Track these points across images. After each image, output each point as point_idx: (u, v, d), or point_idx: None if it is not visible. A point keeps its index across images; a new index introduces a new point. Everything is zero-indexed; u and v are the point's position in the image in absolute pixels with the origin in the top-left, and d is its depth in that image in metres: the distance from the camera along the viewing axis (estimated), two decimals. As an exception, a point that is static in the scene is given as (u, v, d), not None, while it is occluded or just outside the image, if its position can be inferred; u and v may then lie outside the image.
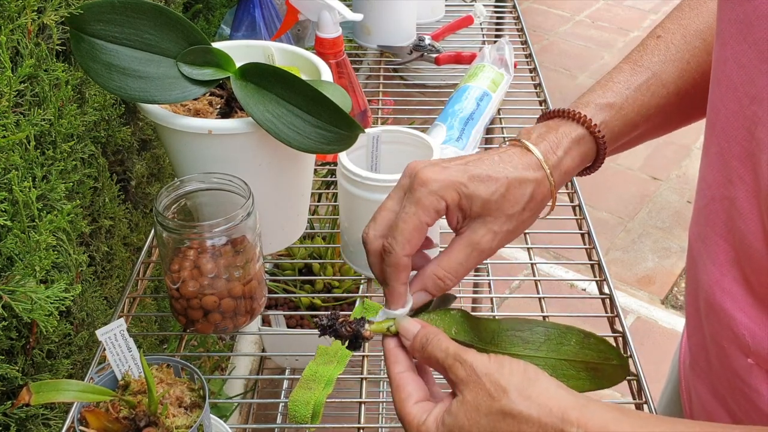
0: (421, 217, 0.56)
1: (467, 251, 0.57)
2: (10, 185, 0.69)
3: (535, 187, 0.59)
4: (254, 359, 1.75)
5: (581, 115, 0.63)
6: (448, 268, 0.57)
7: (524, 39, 1.38)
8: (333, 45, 1.03)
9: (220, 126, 0.74)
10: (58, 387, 0.60)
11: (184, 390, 0.64)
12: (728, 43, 0.54)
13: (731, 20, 0.53)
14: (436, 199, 0.56)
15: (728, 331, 0.56)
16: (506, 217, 0.58)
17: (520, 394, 0.49)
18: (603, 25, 3.73)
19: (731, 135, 0.54)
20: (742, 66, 0.52)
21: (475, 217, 0.58)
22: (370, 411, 1.56)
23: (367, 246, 0.58)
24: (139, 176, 1.17)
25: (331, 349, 0.74)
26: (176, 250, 0.72)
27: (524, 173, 0.59)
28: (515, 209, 0.58)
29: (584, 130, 0.63)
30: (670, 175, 2.78)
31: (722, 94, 0.55)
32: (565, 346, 0.57)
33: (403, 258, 0.56)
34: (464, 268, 0.58)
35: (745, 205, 0.53)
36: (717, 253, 0.57)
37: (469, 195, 0.57)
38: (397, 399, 0.53)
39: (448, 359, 0.52)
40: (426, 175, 0.56)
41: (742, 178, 0.53)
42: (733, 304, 0.55)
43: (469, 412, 0.50)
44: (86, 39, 0.72)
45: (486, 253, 0.58)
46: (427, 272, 0.58)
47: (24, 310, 0.67)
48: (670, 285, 2.32)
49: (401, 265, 0.56)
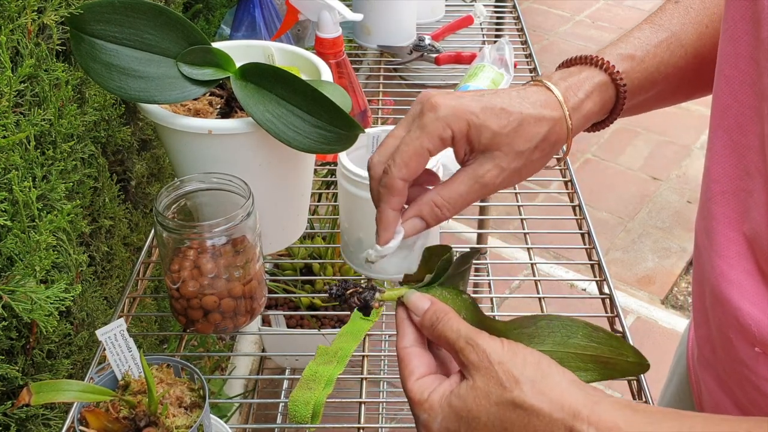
0: (424, 142, 0.54)
1: (470, 183, 0.56)
2: (11, 185, 0.69)
3: (550, 127, 0.57)
4: (254, 359, 1.75)
5: (604, 61, 0.62)
6: (447, 197, 0.56)
7: (524, 39, 1.38)
8: (333, 45, 1.03)
9: (220, 126, 0.74)
10: (59, 387, 0.60)
11: (184, 390, 0.64)
12: (742, 39, 0.54)
13: (743, 18, 0.53)
14: (442, 126, 0.54)
15: (734, 321, 0.56)
16: (515, 153, 0.56)
17: (532, 387, 0.48)
18: (603, 25, 3.73)
19: (746, 128, 0.54)
20: (756, 62, 0.52)
21: (483, 151, 0.56)
22: (370, 411, 1.56)
23: (370, 171, 0.57)
24: (139, 176, 1.17)
25: (331, 349, 0.74)
26: (176, 250, 0.72)
27: (541, 111, 0.57)
28: (526, 146, 0.56)
29: (606, 76, 0.61)
30: (670, 175, 2.78)
31: (734, 89, 0.55)
32: (572, 338, 0.56)
33: (397, 180, 0.54)
34: (464, 200, 0.56)
35: (763, 196, 0.53)
36: (724, 246, 0.57)
37: (478, 126, 0.55)
38: (401, 375, 0.53)
39: (460, 341, 0.51)
40: (437, 100, 0.55)
41: (759, 170, 0.53)
42: (740, 295, 0.55)
43: (479, 398, 0.49)
44: (86, 39, 0.72)
45: (488, 188, 0.56)
46: (424, 198, 0.56)
47: (24, 310, 0.67)
48: (670, 285, 2.32)
49: (395, 187, 0.54)
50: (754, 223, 0.55)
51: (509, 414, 0.48)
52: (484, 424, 0.49)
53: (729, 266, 0.57)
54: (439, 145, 0.55)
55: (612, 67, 0.61)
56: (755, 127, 0.53)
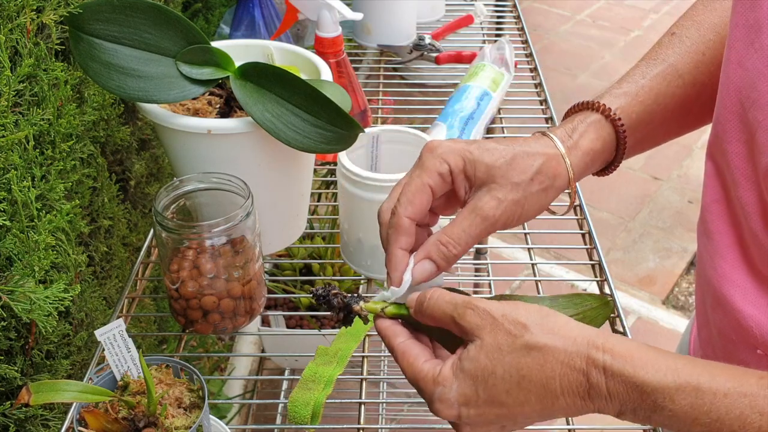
0: (424, 178, 0.56)
1: (471, 217, 0.57)
2: (9, 185, 0.68)
3: (545, 161, 0.59)
4: (254, 360, 1.75)
5: (595, 103, 0.64)
6: (450, 233, 0.57)
7: (525, 38, 1.37)
8: (333, 44, 1.03)
9: (220, 126, 0.74)
10: (58, 387, 0.60)
11: (183, 390, 0.64)
12: (734, 47, 0.54)
13: (740, 25, 0.54)
14: (439, 162, 0.57)
15: (736, 324, 0.56)
16: (512, 185, 0.58)
17: (541, 328, 0.49)
18: (604, 24, 3.73)
19: (734, 136, 0.55)
20: (745, 69, 0.53)
21: (480, 185, 0.58)
22: (370, 411, 1.55)
23: (379, 218, 0.59)
24: (138, 176, 1.16)
25: (330, 350, 0.73)
26: (175, 250, 0.72)
27: (534, 147, 0.60)
28: (521, 178, 0.58)
29: (599, 115, 0.63)
30: (671, 175, 2.78)
31: (723, 97, 0.56)
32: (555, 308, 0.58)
33: (404, 218, 0.56)
34: (467, 235, 0.57)
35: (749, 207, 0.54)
36: (725, 249, 0.58)
37: (473, 160, 0.57)
38: (406, 364, 0.53)
39: (458, 308, 0.51)
40: (434, 143, 0.58)
41: (747, 177, 0.54)
42: (743, 298, 0.56)
43: (491, 354, 0.49)
44: (85, 38, 0.72)
45: (489, 220, 0.57)
46: (431, 240, 0.57)
47: (23, 311, 0.67)
48: (671, 285, 2.32)
49: (402, 226, 0.56)
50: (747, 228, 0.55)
51: (524, 359, 0.48)
52: (501, 377, 0.49)
53: (732, 268, 0.57)
54: (438, 180, 0.57)
55: (602, 106, 0.64)
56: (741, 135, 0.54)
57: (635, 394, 0.47)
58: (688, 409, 0.46)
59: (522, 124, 1.16)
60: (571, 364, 0.48)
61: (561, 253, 2.31)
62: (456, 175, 0.57)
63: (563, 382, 0.48)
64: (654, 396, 0.46)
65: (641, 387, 0.46)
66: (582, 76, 3.28)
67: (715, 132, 0.59)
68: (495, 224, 0.58)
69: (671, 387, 0.46)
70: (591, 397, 0.48)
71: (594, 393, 0.47)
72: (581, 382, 0.48)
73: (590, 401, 0.48)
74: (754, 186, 0.54)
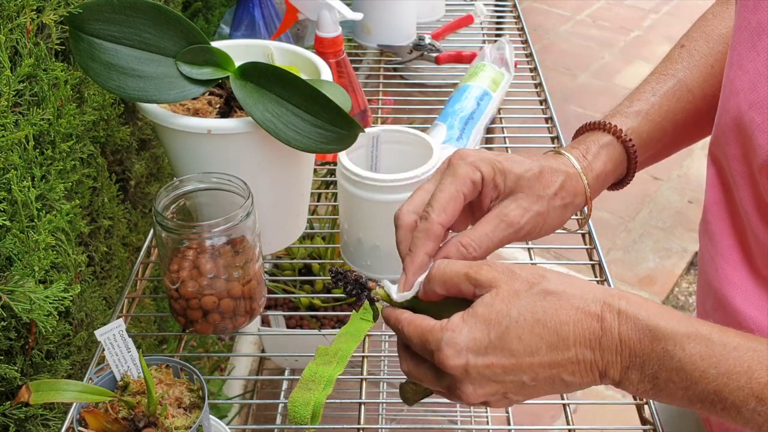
0: (458, 185, 0.57)
1: (495, 222, 0.58)
2: (9, 185, 0.68)
3: (566, 178, 0.61)
4: (254, 360, 1.75)
5: (607, 124, 0.65)
6: (473, 236, 0.58)
7: (525, 38, 1.37)
8: (333, 44, 1.03)
9: (220, 126, 0.74)
10: (57, 387, 0.60)
11: (183, 390, 0.64)
12: (736, 49, 0.55)
13: (743, 27, 0.54)
14: (471, 169, 0.58)
15: (736, 325, 0.57)
16: (537, 197, 0.59)
17: (559, 279, 0.50)
18: (604, 24, 3.73)
19: (733, 138, 0.55)
20: (745, 72, 0.53)
21: (507, 194, 0.59)
22: (370, 411, 1.55)
23: (398, 221, 0.59)
24: (138, 176, 1.16)
25: (330, 350, 0.73)
26: (175, 250, 0.72)
27: (558, 165, 0.62)
28: (546, 192, 0.60)
29: (611, 136, 0.65)
30: (671, 174, 2.78)
31: (724, 99, 0.56)
32: None
33: (437, 225, 0.56)
34: (489, 240, 0.58)
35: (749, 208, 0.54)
36: (727, 250, 0.58)
37: (503, 170, 0.58)
38: (413, 328, 0.52)
39: (474, 265, 0.52)
40: (464, 152, 0.59)
41: (746, 179, 0.54)
42: (744, 299, 0.56)
43: (506, 298, 0.50)
44: (85, 38, 0.72)
45: (514, 227, 0.58)
46: (451, 241, 0.58)
47: (23, 311, 0.67)
48: (671, 285, 2.32)
49: (433, 232, 0.56)
50: (749, 230, 0.55)
51: (541, 302, 0.49)
52: (515, 319, 0.49)
53: (733, 269, 0.57)
54: (471, 187, 0.58)
55: (614, 127, 0.65)
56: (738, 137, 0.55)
57: (647, 341, 0.47)
58: (698, 359, 0.46)
59: (522, 123, 1.16)
60: (587, 310, 0.48)
61: (561, 252, 2.31)
62: (486, 184, 0.58)
63: (576, 329, 0.48)
64: (665, 342, 0.47)
65: (654, 331, 0.47)
66: (582, 76, 3.28)
67: (715, 134, 0.59)
68: (518, 231, 0.59)
69: (683, 333, 0.47)
70: (602, 347, 0.48)
71: (605, 341, 0.48)
72: (594, 329, 0.48)
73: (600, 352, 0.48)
74: (752, 187, 0.54)
